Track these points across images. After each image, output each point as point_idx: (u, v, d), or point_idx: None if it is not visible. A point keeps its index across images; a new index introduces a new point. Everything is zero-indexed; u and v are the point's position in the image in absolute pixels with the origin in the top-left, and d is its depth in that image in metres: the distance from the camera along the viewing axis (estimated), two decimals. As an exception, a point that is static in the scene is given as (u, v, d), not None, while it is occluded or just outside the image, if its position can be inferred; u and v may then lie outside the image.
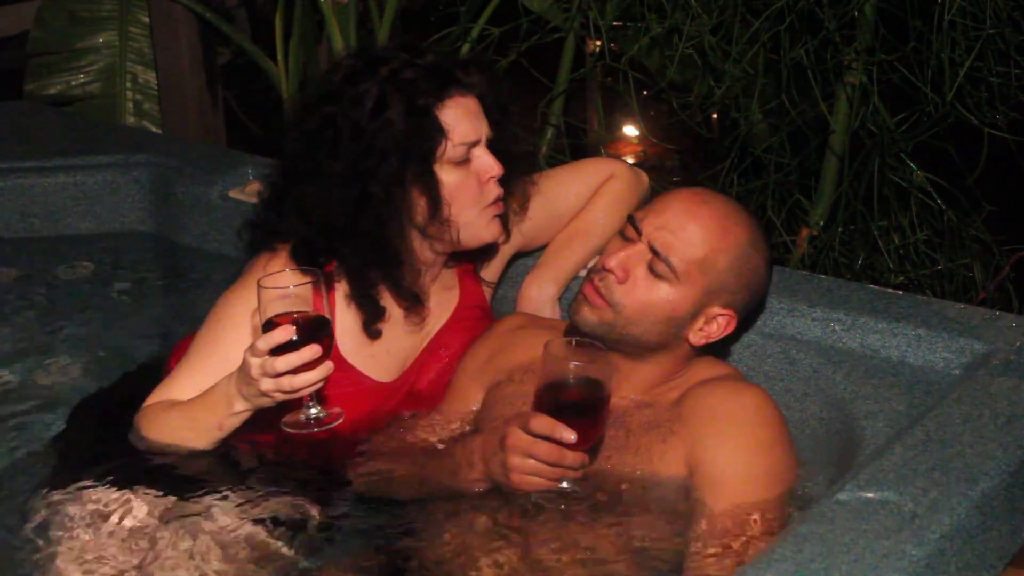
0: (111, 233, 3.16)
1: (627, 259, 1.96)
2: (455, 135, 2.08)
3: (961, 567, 1.67)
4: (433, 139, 2.06)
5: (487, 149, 2.12)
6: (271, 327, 1.87)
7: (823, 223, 3.27)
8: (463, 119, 2.09)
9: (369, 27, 3.65)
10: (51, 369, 2.61)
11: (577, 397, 1.82)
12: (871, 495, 1.70)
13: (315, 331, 1.88)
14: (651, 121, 3.80)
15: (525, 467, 1.82)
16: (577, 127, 3.63)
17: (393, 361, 2.22)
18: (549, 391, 1.83)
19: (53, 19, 4.04)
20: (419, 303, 2.17)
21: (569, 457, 1.82)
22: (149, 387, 2.16)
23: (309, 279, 1.88)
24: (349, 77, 2.11)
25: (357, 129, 2.06)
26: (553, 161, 3.34)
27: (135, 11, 4.04)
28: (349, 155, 2.07)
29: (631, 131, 4.27)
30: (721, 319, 1.99)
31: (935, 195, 3.21)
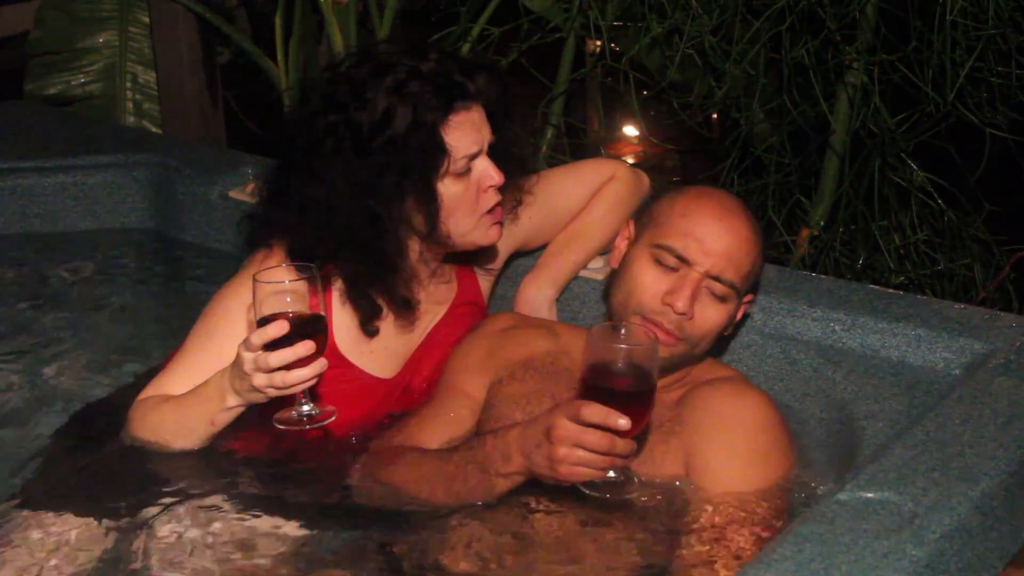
0: (111, 233, 3.16)
1: (692, 295, 1.95)
2: (458, 152, 2.06)
3: (961, 567, 1.67)
4: (436, 157, 2.05)
5: (487, 157, 2.11)
6: (266, 323, 1.86)
7: (823, 223, 3.27)
8: (467, 134, 2.07)
9: (369, 27, 3.65)
10: (51, 369, 2.61)
11: (627, 382, 1.75)
12: (871, 495, 1.70)
13: (309, 327, 1.87)
14: (651, 121, 3.80)
15: (574, 458, 1.76)
16: (577, 127, 3.63)
17: (391, 357, 2.21)
18: (597, 377, 1.76)
19: (53, 19, 4.05)
20: (409, 307, 2.15)
21: (620, 444, 1.76)
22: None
23: (305, 275, 1.88)
24: (354, 86, 2.07)
25: (359, 140, 2.04)
26: (553, 161, 3.34)
27: (135, 11, 4.04)
28: (350, 166, 2.05)
29: (631, 131, 4.27)
30: (745, 306, 2.07)
31: (935, 195, 3.21)
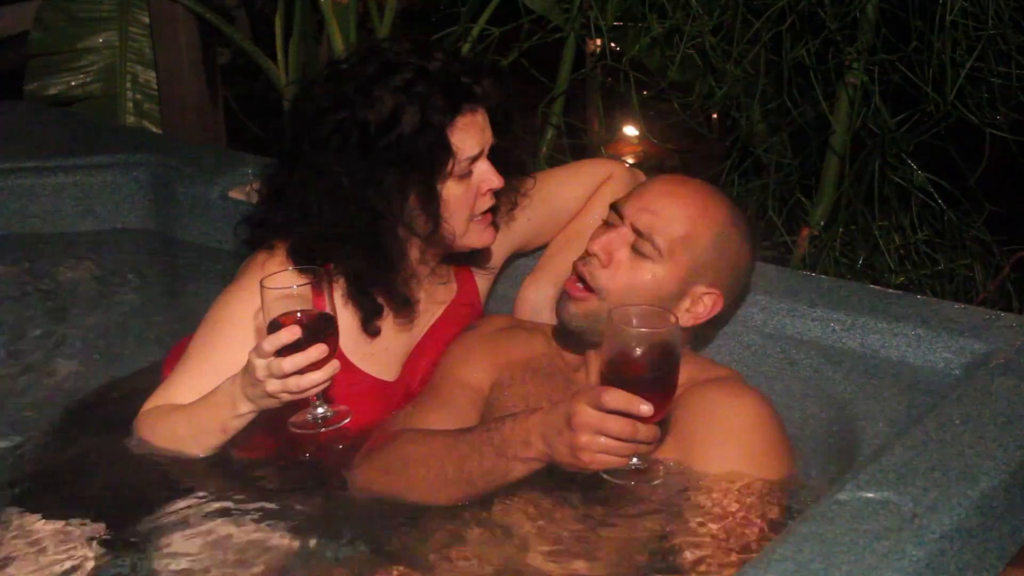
0: (111, 233, 3.15)
1: (609, 242, 1.98)
2: (462, 153, 2.07)
3: (961, 567, 1.66)
4: (441, 158, 2.05)
5: (488, 160, 2.12)
6: (276, 328, 1.85)
7: (823, 223, 3.27)
8: (471, 136, 2.08)
9: (369, 27, 3.65)
10: (51, 369, 2.61)
11: (648, 367, 1.71)
12: (871, 495, 1.69)
13: (320, 330, 1.87)
14: (651, 121, 3.79)
15: (597, 445, 1.73)
16: (577, 127, 3.63)
17: (393, 359, 2.22)
18: (618, 362, 1.72)
19: (53, 19, 4.04)
20: (409, 306, 2.16)
21: (643, 431, 1.73)
22: (148, 388, 2.15)
23: (311, 278, 1.88)
24: (362, 83, 2.07)
25: (366, 139, 2.04)
26: (553, 161, 3.34)
27: (135, 11, 4.03)
28: (355, 164, 2.05)
29: (631, 131, 4.26)
30: (707, 298, 2.02)
31: (936, 195, 3.21)
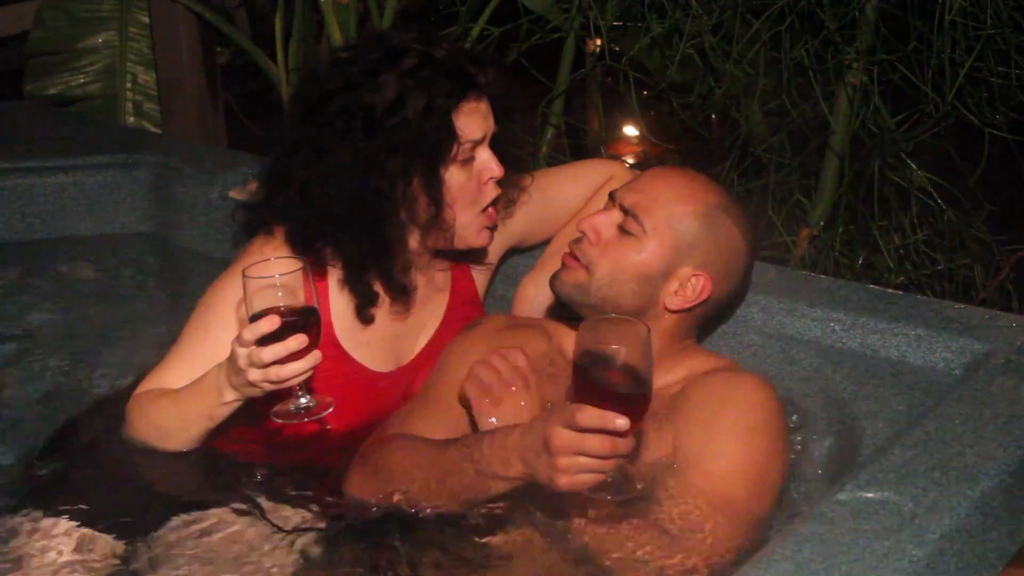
0: (111, 233, 3.16)
1: (599, 221, 2.03)
2: (465, 138, 2.08)
3: (961, 567, 1.67)
4: (445, 142, 2.06)
5: (489, 148, 2.13)
6: (258, 318, 1.84)
7: (823, 223, 3.27)
8: (474, 121, 2.09)
9: (369, 27, 3.65)
10: (50, 369, 2.61)
11: (621, 379, 1.65)
12: (871, 495, 1.70)
13: (302, 321, 1.85)
14: (651, 121, 3.80)
15: (576, 466, 1.69)
16: (577, 127, 3.63)
17: (387, 350, 2.21)
18: (589, 377, 1.66)
19: (53, 19, 4.05)
20: (406, 294, 2.16)
21: (621, 445, 1.68)
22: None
23: (295, 268, 1.85)
24: (369, 66, 2.08)
25: (371, 121, 2.05)
26: (553, 161, 3.34)
27: (135, 11, 4.04)
28: (359, 145, 2.06)
29: (631, 131, 4.26)
30: (695, 280, 1.99)
31: (935, 195, 3.21)
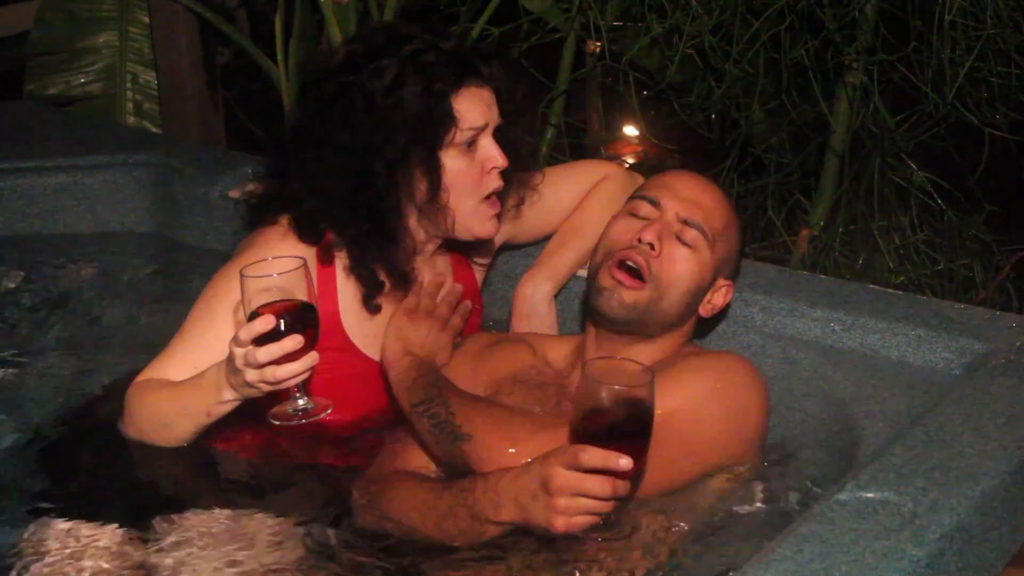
0: (111, 233, 3.16)
1: (660, 231, 1.96)
2: (465, 122, 2.08)
3: (961, 567, 1.67)
4: (443, 125, 2.07)
5: (493, 139, 2.13)
6: (255, 317, 1.83)
7: (823, 223, 3.27)
8: (475, 107, 2.10)
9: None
10: (50, 369, 2.61)
11: (625, 419, 1.66)
12: (871, 495, 1.70)
13: (299, 321, 1.84)
14: (651, 121, 3.79)
15: (574, 507, 1.68)
16: (577, 127, 3.63)
17: None
18: (593, 417, 1.66)
19: (53, 19, 4.04)
20: (408, 282, 2.16)
21: (620, 487, 1.69)
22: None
23: (294, 267, 1.84)
24: (370, 50, 2.10)
25: (371, 102, 2.06)
26: (553, 161, 3.34)
27: (135, 11, 4.04)
28: (358, 127, 2.07)
29: (631, 131, 4.26)
30: (724, 290, 2.06)
31: (935, 195, 3.21)
